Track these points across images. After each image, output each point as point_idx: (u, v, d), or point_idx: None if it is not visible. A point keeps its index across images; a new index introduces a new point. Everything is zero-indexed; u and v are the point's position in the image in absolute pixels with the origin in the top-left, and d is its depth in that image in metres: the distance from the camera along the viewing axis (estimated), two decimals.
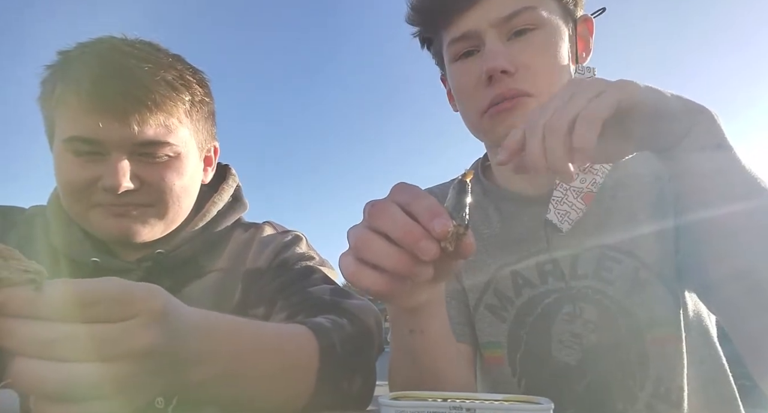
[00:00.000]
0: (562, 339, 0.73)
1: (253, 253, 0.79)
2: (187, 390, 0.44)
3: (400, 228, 0.43)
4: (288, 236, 0.82)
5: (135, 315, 0.36)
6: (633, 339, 0.70)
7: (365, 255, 0.45)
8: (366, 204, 0.47)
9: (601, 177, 0.68)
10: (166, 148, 0.69)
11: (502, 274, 0.77)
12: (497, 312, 0.77)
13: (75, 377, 0.34)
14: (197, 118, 0.74)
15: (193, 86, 0.72)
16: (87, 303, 0.35)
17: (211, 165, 0.82)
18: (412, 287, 0.47)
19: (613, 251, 0.72)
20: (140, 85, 0.65)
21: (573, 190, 0.69)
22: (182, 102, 0.70)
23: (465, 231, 0.44)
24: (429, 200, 0.44)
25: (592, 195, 0.70)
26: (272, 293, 0.73)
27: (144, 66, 0.66)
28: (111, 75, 0.65)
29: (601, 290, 0.71)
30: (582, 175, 0.68)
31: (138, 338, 0.36)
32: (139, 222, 0.69)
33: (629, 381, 0.69)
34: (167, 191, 0.70)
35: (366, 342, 0.63)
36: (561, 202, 0.68)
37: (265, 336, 0.53)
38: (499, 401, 0.40)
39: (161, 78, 0.67)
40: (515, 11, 0.68)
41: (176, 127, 0.70)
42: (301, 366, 0.55)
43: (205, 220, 0.78)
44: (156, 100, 0.66)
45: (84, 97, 0.64)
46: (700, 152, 0.54)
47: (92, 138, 0.65)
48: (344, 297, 0.69)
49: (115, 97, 0.64)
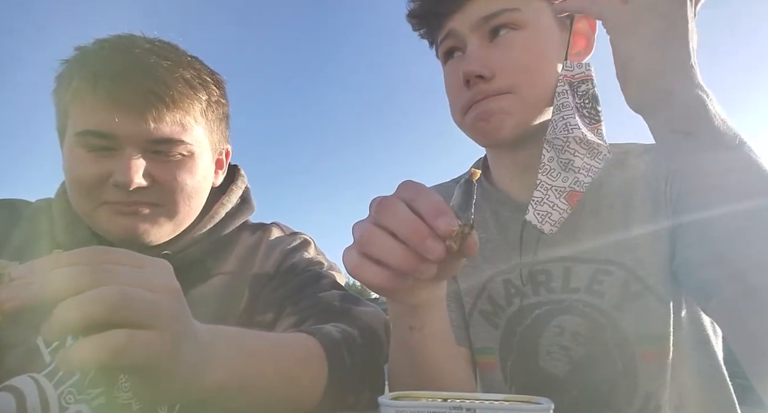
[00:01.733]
0: (550, 350, 0.73)
1: (260, 257, 0.78)
2: (192, 398, 0.44)
3: (406, 226, 0.43)
4: (296, 239, 0.82)
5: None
6: (622, 354, 0.69)
7: (369, 250, 0.45)
8: (372, 200, 0.47)
9: (586, 175, 0.66)
10: (180, 146, 0.68)
11: (495, 281, 0.77)
12: (490, 318, 0.77)
13: (118, 301, 0.35)
14: (212, 118, 0.74)
15: (210, 86, 0.72)
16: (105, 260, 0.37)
17: (222, 168, 0.81)
18: (414, 284, 0.47)
19: (605, 264, 0.71)
20: (159, 81, 0.65)
21: (555, 189, 0.67)
22: (199, 101, 0.70)
23: (470, 231, 0.44)
24: (435, 198, 0.44)
25: (577, 195, 0.68)
26: (281, 298, 0.72)
27: (163, 63, 0.66)
28: (130, 70, 0.64)
29: (592, 303, 0.71)
30: (564, 174, 0.66)
31: (167, 278, 0.40)
32: (147, 222, 0.68)
33: (617, 396, 0.69)
34: (178, 190, 0.69)
35: (376, 354, 0.63)
36: (541, 202, 0.67)
37: (269, 345, 0.53)
38: (500, 401, 0.40)
39: (180, 76, 0.67)
40: (494, 12, 0.68)
41: (192, 126, 0.69)
42: (307, 378, 0.55)
43: (213, 222, 0.77)
44: (174, 97, 0.66)
45: (101, 90, 0.63)
46: (669, 134, 0.54)
47: (106, 132, 0.64)
48: (354, 304, 0.69)
49: (133, 92, 0.64)
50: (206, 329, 0.44)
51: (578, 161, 0.65)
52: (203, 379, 0.43)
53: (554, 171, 0.66)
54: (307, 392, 0.55)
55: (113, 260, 0.37)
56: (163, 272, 0.40)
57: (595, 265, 0.71)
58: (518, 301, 0.75)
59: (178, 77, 0.67)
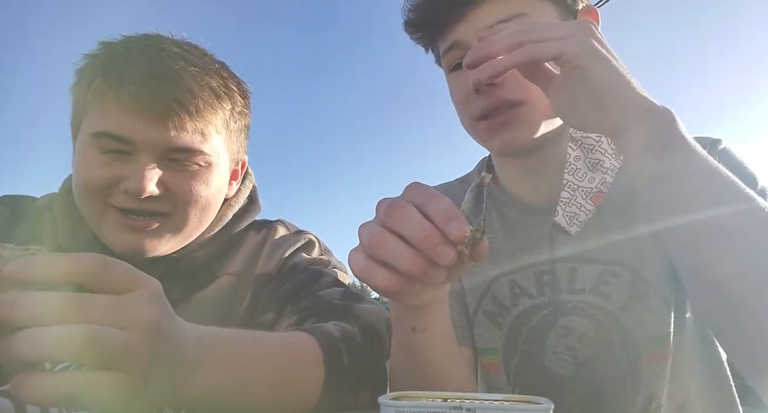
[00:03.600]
0: (556, 350, 0.73)
1: (264, 256, 0.77)
2: (186, 398, 0.44)
3: (418, 231, 0.43)
4: (300, 239, 0.80)
5: (136, 289, 0.37)
6: (627, 355, 0.69)
7: (379, 254, 0.45)
8: (380, 202, 0.46)
9: (611, 176, 0.65)
10: (198, 156, 0.66)
11: (500, 281, 0.77)
12: (495, 318, 0.77)
13: (82, 341, 0.33)
14: (234, 129, 0.72)
15: (235, 96, 0.71)
16: (92, 271, 0.36)
17: (237, 179, 0.79)
18: (420, 287, 0.47)
19: (612, 265, 0.71)
20: (185, 89, 0.63)
21: (582, 190, 0.67)
22: (223, 111, 0.68)
23: (482, 236, 0.43)
24: (447, 203, 0.43)
25: (602, 195, 0.68)
26: (281, 298, 0.71)
27: (191, 69, 0.65)
28: (156, 75, 0.63)
29: (598, 304, 0.71)
30: (591, 174, 0.66)
31: (144, 309, 0.37)
32: (154, 238, 0.66)
33: (621, 396, 0.69)
34: (192, 202, 0.67)
35: (376, 352, 0.62)
36: (569, 203, 0.66)
37: (265, 345, 0.53)
38: (500, 401, 0.40)
39: (206, 84, 0.66)
40: (502, 20, 0.67)
41: (212, 136, 0.67)
42: (303, 377, 0.54)
43: (220, 224, 0.75)
44: (198, 107, 0.64)
45: (124, 94, 0.62)
46: (645, 152, 0.54)
47: (123, 136, 0.63)
48: (355, 301, 0.68)
49: (157, 98, 0.62)
50: (194, 336, 0.44)
51: (607, 162, 0.65)
52: (186, 390, 0.42)
53: (580, 171, 0.66)
54: (304, 392, 0.54)
55: (106, 278, 0.36)
56: (146, 300, 0.38)
57: (601, 266, 0.71)
58: (525, 302, 0.75)
59: (205, 85, 0.65)
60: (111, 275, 0.37)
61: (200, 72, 0.65)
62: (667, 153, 0.53)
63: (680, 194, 0.53)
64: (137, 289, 0.37)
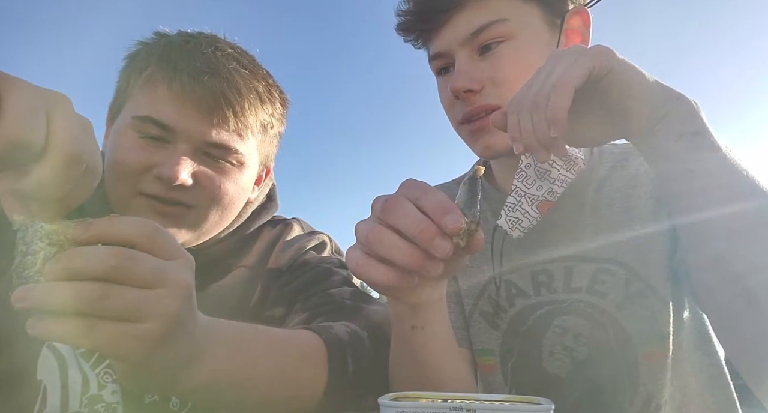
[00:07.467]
0: (553, 351, 0.73)
1: (276, 252, 0.78)
2: (189, 385, 0.44)
3: (415, 225, 0.43)
4: (314, 240, 0.82)
5: (179, 258, 0.41)
6: (624, 354, 0.69)
7: (376, 249, 0.45)
8: (376, 199, 0.47)
9: (560, 186, 0.66)
10: (232, 155, 0.68)
11: (497, 281, 0.77)
12: (491, 319, 0.77)
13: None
14: (269, 134, 0.75)
15: (276, 103, 0.74)
16: None
17: (260, 184, 0.81)
18: (418, 282, 0.47)
19: (606, 263, 0.71)
20: (234, 88, 0.66)
21: (528, 197, 0.67)
22: (263, 115, 0.71)
23: (476, 227, 0.44)
24: (441, 196, 0.44)
25: (549, 204, 0.67)
26: (291, 293, 0.72)
27: (242, 71, 0.68)
28: (210, 71, 0.65)
29: (594, 303, 0.71)
30: (539, 182, 0.67)
31: (185, 274, 0.41)
32: (173, 228, 0.67)
33: (619, 395, 0.69)
34: (216, 198, 0.68)
35: (384, 356, 0.62)
36: (514, 209, 0.67)
37: (267, 342, 0.53)
38: (500, 401, 0.40)
39: (254, 86, 0.69)
40: (482, 26, 0.68)
41: (249, 137, 0.70)
42: (304, 376, 0.55)
43: (239, 221, 0.77)
44: (243, 106, 0.67)
45: (176, 84, 0.64)
46: (677, 139, 0.54)
47: (167, 124, 0.64)
48: (366, 302, 0.69)
49: (207, 92, 0.64)
50: (205, 323, 0.45)
51: (555, 173, 0.66)
52: (194, 373, 0.44)
53: (530, 178, 0.67)
54: (306, 390, 0.55)
55: (158, 242, 0.40)
56: (187, 268, 0.42)
57: (596, 264, 0.71)
58: (521, 302, 0.75)
59: (252, 88, 0.68)
60: (162, 240, 0.41)
61: (249, 75, 0.68)
62: (696, 140, 0.53)
63: (706, 187, 0.53)
64: (180, 258, 0.42)
